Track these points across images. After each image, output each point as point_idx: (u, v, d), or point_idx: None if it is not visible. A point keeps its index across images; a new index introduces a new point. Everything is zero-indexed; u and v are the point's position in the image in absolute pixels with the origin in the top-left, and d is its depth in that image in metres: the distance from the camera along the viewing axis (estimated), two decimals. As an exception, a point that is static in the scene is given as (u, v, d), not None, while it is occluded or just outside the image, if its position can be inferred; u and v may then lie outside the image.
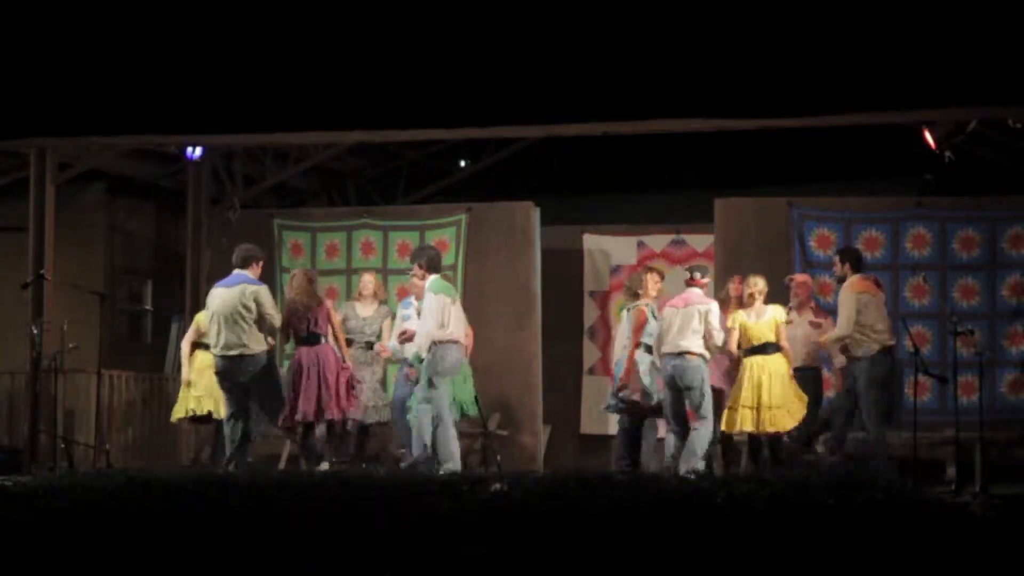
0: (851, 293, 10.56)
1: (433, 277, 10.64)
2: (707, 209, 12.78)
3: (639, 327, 10.74)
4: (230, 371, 10.55)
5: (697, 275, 10.77)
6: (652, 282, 10.93)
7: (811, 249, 12.43)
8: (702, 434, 10.42)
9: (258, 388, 10.60)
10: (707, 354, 10.51)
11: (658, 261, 13.38)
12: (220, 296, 10.62)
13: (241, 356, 10.50)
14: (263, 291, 10.64)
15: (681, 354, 10.43)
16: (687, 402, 10.50)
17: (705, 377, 10.48)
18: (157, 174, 14.46)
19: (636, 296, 10.89)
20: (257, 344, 10.52)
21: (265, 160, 14.35)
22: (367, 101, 10.84)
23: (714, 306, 10.59)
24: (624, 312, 11.15)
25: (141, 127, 11.46)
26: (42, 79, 11.18)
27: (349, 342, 11.50)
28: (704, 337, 10.48)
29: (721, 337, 10.55)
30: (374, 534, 7.06)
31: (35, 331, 11.63)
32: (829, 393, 11.52)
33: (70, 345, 11.40)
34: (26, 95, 11.25)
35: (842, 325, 10.54)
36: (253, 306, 10.50)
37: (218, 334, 10.53)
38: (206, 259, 13.43)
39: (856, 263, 10.78)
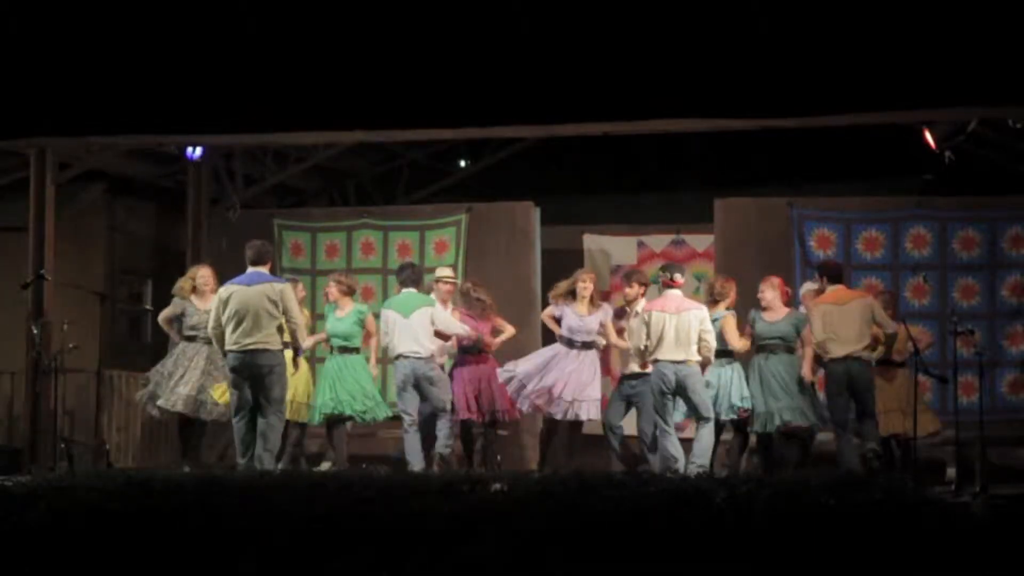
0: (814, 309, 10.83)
1: (408, 290, 11.30)
2: (707, 209, 12.77)
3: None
4: (246, 367, 10.39)
5: (678, 275, 10.85)
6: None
7: (811, 249, 12.43)
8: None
9: (268, 386, 10.44)
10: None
11: (658, 261, 13.39)
12: (240, 294, 10.38)
13: (262, 351, 10.38)
14: (288, 289, 10.62)
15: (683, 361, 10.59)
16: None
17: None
18: (157, 174, 14.45)
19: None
20: (276, 342, 10.45)
21: (265, 160, 14.35)
22: (367, 101, 10.84)
23: (704, 311, 10.72)
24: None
25: (141, 127, 11.47)
26: (42, 79, 11.18)
27: (192, 338, 11.46)
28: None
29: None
30: (374, 534, 7.07)
31: (35, 331, 11.63)
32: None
33: (70, 345, 11.39)
34: (26, 95, 11.25)
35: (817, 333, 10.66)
36: (280, 303, 10.39)
37: (235, 330, 10.33)
38: (206, 259, 13.42)
39: (834, 277, 10.88)
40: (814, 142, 13.13)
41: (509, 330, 11.86)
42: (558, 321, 11.51)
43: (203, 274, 11.60)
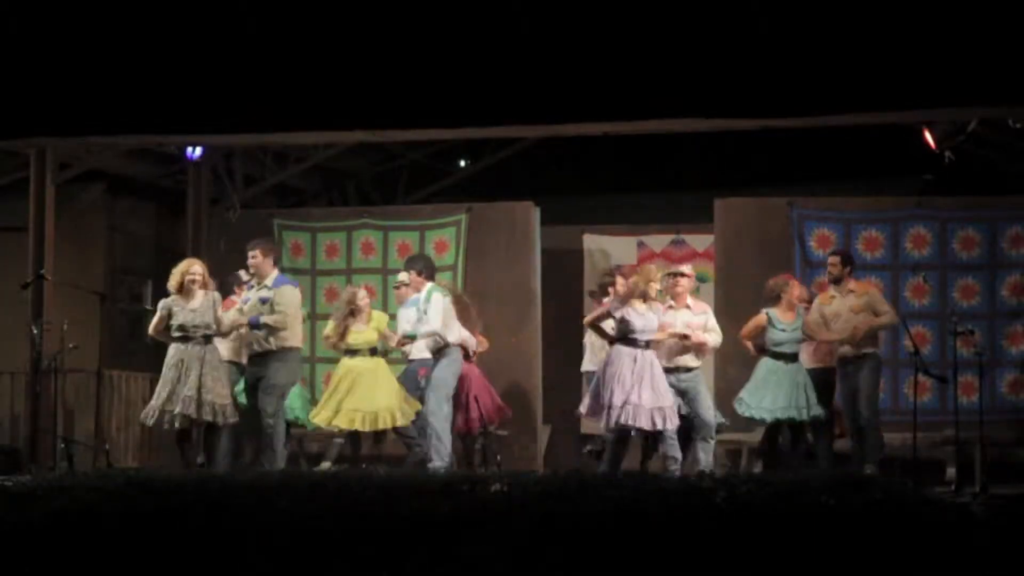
0: (877, 290, 11.23)
1: (432, 283, 11.16)
2: (707, 209, 12.78)
3: None
4: None
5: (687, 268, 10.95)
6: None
7: (811, 249, 12.44)
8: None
9: None
10: None
11: (658, 261, 13.38)
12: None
13: None
14: None
15: None
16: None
17: None
18: (157, 174, 14.45)
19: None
20: None
21: (265, 160, 14.35)
22: (367, 101, 10.84)
23: None
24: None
25: (141, 127, 11.46)
26: (42, 79, 11.18)
27: (185, 339, 10.55)
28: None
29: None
30: (374, 534, 7.06)
31: (35, 331, 11.62)
32: None
33: (70, 345, 11.39)
34: (26, 95, 11.25)
35: (892, 314, 10.99)
36: None
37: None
38: (206, 259, 13.41)
39: (853, 268, 11.20)
40: (814, 142, 13.13)
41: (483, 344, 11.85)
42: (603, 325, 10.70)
43: (196, 271, 10.75)
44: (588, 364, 11.43)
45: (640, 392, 10.16)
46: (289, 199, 15.44)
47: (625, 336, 10.32)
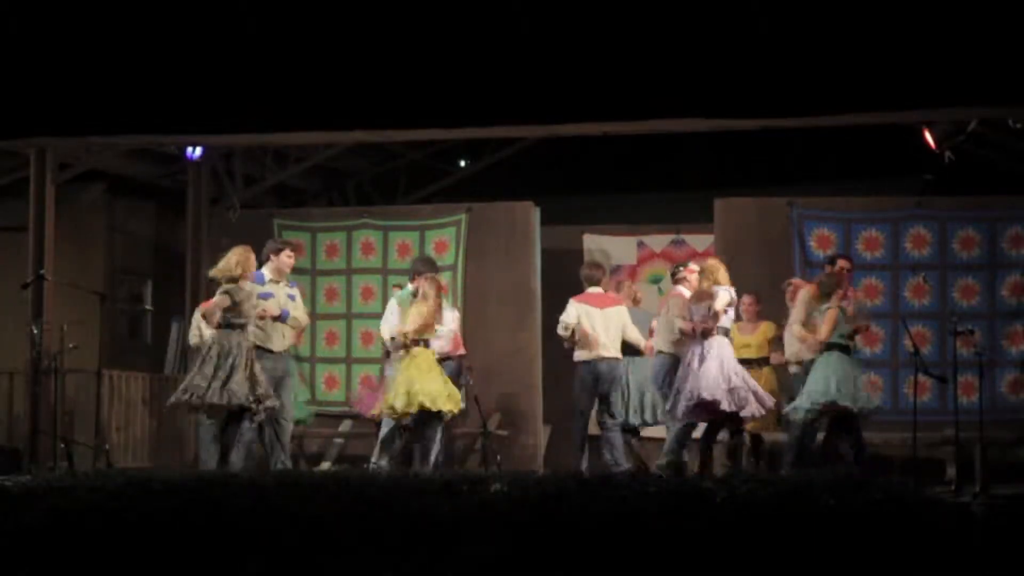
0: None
1: None
2: (707, 209, 12.78)
3: None
4: None
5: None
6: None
7: (811, 249, 12.44)
8: None
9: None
10: None
11: (658, 261, 13.41)
12: None
13: None
14: None
15: None
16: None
17: None
18: (157, 174, 14.46)
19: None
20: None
21: (265, 160, 14.36)
22: (367, 101, 10.84)
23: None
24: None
25: (141, 127, 11.46)
26: (42, 79, 11.18)
27: (242, 326, 10.02)
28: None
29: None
30: (374, 534, 7.06)
31: (35, 331, 11.63)
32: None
33: (70, 345, 11.39)
34: (26, 95, 11.25)
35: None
36: None
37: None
38: (206, 259, 13.42)
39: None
40: (814, 142, 13.14)
41: None
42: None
43: (254, 261, 10.28)
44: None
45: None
46: (289, 199, 15.44)
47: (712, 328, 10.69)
